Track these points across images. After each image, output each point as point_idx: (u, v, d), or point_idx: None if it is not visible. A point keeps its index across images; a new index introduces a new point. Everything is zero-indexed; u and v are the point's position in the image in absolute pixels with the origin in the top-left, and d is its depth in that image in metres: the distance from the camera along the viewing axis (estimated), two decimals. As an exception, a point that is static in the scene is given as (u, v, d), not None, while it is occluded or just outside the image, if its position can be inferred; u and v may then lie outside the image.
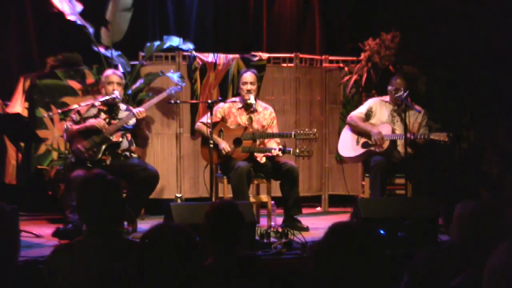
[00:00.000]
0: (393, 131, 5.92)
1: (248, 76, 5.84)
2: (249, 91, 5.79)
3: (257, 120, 5.88)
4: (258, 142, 5.80)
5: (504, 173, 6.45)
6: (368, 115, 6.09)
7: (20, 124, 5.44)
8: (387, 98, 6.10)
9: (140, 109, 5.55)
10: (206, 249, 2.82)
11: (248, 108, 5.85)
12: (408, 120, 5.77)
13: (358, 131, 6.06)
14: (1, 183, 6.28)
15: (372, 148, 5.93)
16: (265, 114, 5.93)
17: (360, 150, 6.03)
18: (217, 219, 2.92)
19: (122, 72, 6.03)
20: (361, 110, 6.14)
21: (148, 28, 7.07)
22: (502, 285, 1.69)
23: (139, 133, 5.63)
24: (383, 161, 5.78)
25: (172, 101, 5.79)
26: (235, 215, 2.96)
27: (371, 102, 6.17)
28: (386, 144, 5.87)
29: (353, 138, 6.09)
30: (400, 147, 5.88)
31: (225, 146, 5.66)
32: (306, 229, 5.56)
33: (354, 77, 6.91)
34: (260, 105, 5.97)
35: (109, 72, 5.68)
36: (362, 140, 6.04)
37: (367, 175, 6.04)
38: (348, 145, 6.12)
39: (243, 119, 5.86)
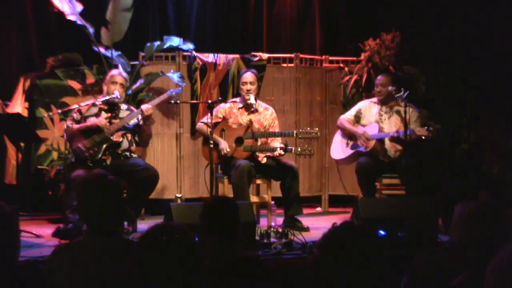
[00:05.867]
0: (381, 129, 5.92)
1: (248, 76, 5.85)
2: (249, 91, 5.79)
3: (258, 120, 5.88)
4: (260, 142, 5.80)
5: (504, 173, 6.45)
6: (357, 117, 6.11)
7: (20, 124, 5.44)
8: (375, 99, 6.12)
9: (148, 105, 5.56)
10: (205, 249, 2.82)
11: (248, 108, 5.85)
12: (400, 116, 5.77)
13: (347, 134, 6.08)
14: (1, 183, 6.28)
15: (359, 149, 5.94)
16: (266, 115, 5.94)
17: (349, 151, 6.04)
18: (212, 213, 2.92)
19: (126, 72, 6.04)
20: (351, 112, 6.18)
21: (148, 28, 7.07)
22: (504, 285, 1.70)
23: (145, 130, 5.61)
24: (366, 162, 5.78)
25: (172, 101, 5.79)
26: (229, 208, 2.96)
27: (360, 105, 6.21)
28: (372, 144, 5.87)
29: (343, 140, 6.13)
30: (388, 146, 5.89)
31: (224, 146, 5.67)
32: (307, 229, 5.56)
33: (354, 77, 6.91)
34: (261, 106, 5.98)
35: (115, 72, 5.71)
36: (351, 142, 6.06)
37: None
38: (338, 147, 6.15)
39: (244, 119, 5.86)
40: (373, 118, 6.04)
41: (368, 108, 6.11)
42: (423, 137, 5.64)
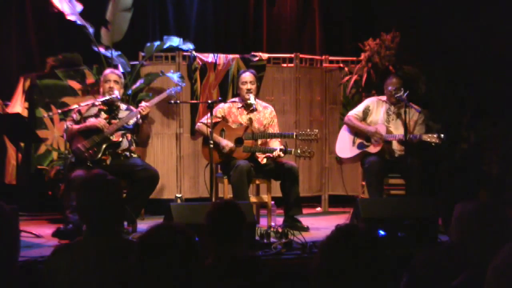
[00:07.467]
0: (388, 130, 5.92)
1: (247, 76, 5.85)
2: (248, 91, 5.79)
3: (257, 119, 5.88)
4: (260, 142, 5.80)
5: (504, 173, 6.45)
6: (365, 113, 6.10)
7: (20, 124, 5.44)
8: (384, 97, 6.12)
9: (146, 104, 5.55)
10: (206, 249, 2.82)
11: (248, 107, 5.86)
12: (407, 118, 5.78)
13: (355, 131, 6.07)
14: (1, 183, 6.28)
15: (367, 149, 5.94)
16: (265, 113, 5.94)
17: (355, 151, 6.03)
18: (219, 218, 2.93)
19: (122, 72, 6.02)
20: (358, 109, 6.16)
21: (148, 28, 7.08)
22: (505, 285, 1.70)
23: (143, 130, 5.60)
24: (376, 161, 5.78)
25: (172, 101, 5.79)
26: (237, 214, 2.97)
27: (368, 101, 6.19)
28: (380, 145, 5.87)
29: (350, 138, 6.10)
30: (395, 145, 5.90)
31: (227, 143, 5.67)
32: (306, 229, 5.56)
33: (354, 77, 6.91)
34: (260, 105, 5.98)
35: (107, 71, 5.71)
36: (358, 140, 6.05)
37: (366, 175, 6.04)
38: (345, 146, 6.13)
39: (243, 118, 5.86)
40: (380, 116, 6.03)
41: (376, 105, 6.10)
42: (433, 144, 5.65)
